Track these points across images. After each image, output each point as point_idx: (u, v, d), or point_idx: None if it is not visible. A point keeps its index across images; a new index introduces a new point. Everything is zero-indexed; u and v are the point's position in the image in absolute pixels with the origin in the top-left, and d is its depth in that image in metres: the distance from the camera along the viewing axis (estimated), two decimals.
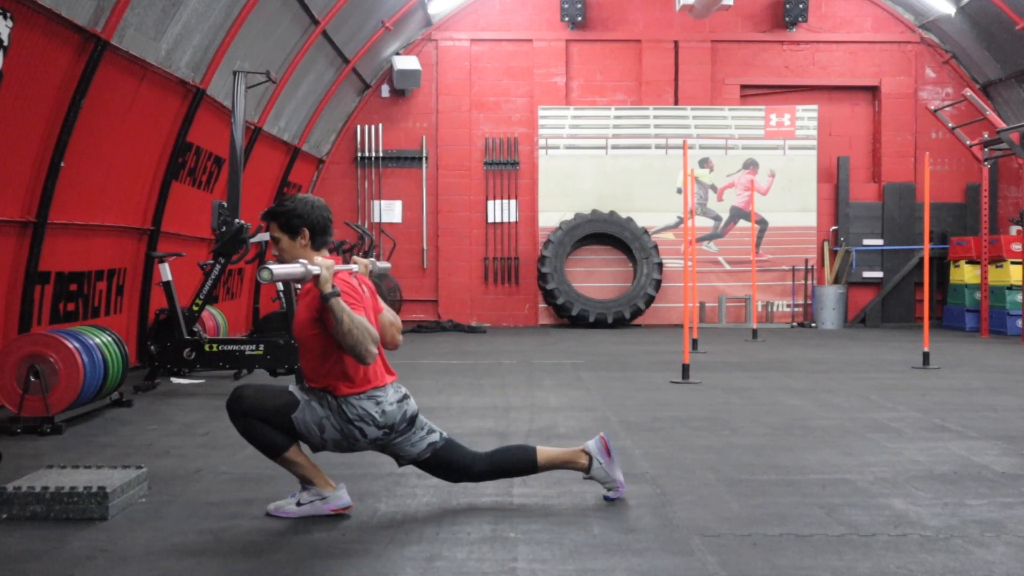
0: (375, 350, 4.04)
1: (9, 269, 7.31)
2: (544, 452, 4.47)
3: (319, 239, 4.24)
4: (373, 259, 4.38)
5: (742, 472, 5.14)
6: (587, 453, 4.47)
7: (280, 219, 4.21)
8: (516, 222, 16.44)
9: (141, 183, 9.51)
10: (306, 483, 4.27)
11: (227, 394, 7.72)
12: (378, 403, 4.17)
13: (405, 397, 4.28)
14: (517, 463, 4.45)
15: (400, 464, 4.38)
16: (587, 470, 4.48)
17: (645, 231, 15.85)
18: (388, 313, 4.44)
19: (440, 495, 4.65)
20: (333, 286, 3.97)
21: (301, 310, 4.20)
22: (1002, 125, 14.09)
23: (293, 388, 4.25)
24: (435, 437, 4.34)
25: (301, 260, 4.04)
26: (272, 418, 4.16)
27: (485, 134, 16.45)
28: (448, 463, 4.35)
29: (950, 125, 15.71)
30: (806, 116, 16.40)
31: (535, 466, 4.45)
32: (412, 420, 4.27)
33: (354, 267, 4.31)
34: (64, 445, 5.96)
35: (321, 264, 3.98)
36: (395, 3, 14.50)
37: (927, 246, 10.99)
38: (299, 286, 4.38)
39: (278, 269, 3.90)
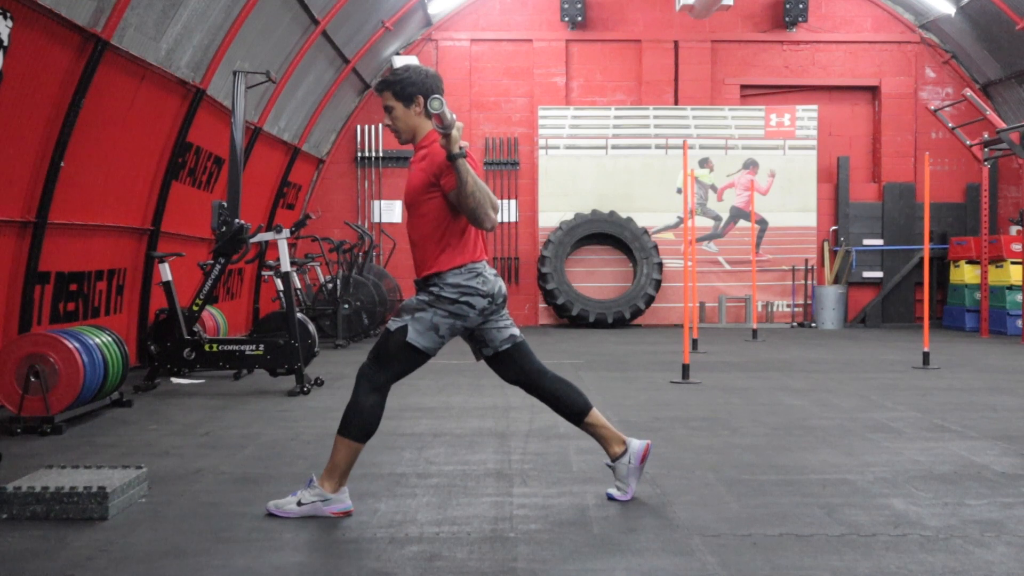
0: (493, 216, 4.09)
1: (9, 269, 7.31)
2: (596, 415, 4.55)
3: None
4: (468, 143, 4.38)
5: (742, 472, 5.14)
6: (626, 445, 4.52)
7: (394, 87, 4.24)
8: (516, 222, 16.45)
9: (141, 183, 9.51)
10: (328, 476, 4.25)
11: (227, 394, 7.73)
12: (478, 274, 4.24)
13: (498, 275, 4.39)
14: (569, 404, 4.51)
15: (478, 356, 4.45)
16: (615, 458, 4.51)
17: (645, 231, 15.85)
18: (489, 191, 4.45)
19: (440, 495, 4.65)
20: (461, 147, 3.97)
21: (416, 174, 4.23)
22: (1002, 125, 14.10)
23: (393, 322, 4.29)
24: (516, 331, 4.45)
25: (447, 110, 4.00)
26: (398, 357, 4.20)
27: (485, 134, 16.45)
28: (520, 361, 4.43)
29: (950, 125, 15.71)
30: (806, 116, 16.40)
31: (581, 419, 4.52)
32: (505, 299, 4.38)
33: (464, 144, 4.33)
34: (64, 445, 5.96)
35: (455, 123, 3.96)
36: (395, 3, 14.50)
37: (927, 246, 10.99)
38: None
39: (446, 105, 3.89)
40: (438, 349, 4.31)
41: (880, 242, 16.52)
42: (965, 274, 15.49)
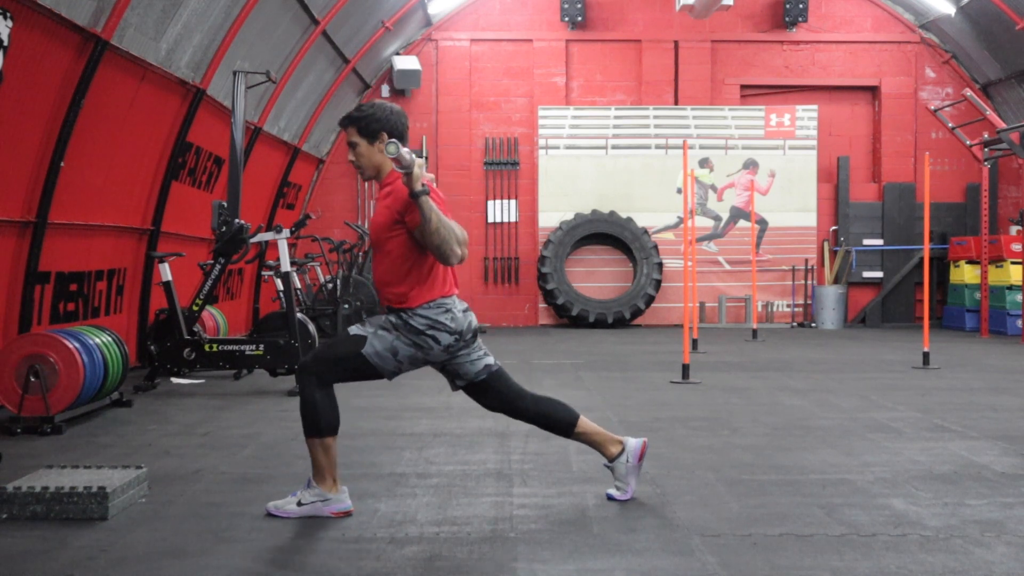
0: (459, 251, 4.06)
1: (9, 269, 7.31)
2: (585, 423, 4.51)
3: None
4: (432, 176, 4.38)
5: (742, 472, 5.14)
6: (623, 444, 4.51)
7: (359, 123, 4.26)
8: (516, 222, 16.44)
9: (141, 183, 9.51)
10: (318, 477, 4.25)
11: (227, 394, 7.72)
12: (447, 310, 4.22)
13: (468, 309, 4.35)
14: (558, 419, 4.49)
15: (454, 386, 4.42)
16: (612, 458, 4.50)
17: (645, 231, 15.85)
18: (456, 227, 4.44)
19: (440, 495, 4.65)
20: (423, 184, 3.98)
21: (381, 211, 4.23)
22: (1002, 125, 14.10)
23: (355, 328, 4.28)
24: (491, 360, 4.42)
25: (406, 148, 4.03)
26: (345, 363, 4.19)
27: (485, 134, 16.45)
28: (499, 390, 4.42)
29: (950, 125, 15.71)
30: (806, 116, 16.40)
31: (571, 430, 4.48)
32: (475, 333, 4.34)
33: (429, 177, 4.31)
34: (64, 445, 5.96)
35: (415, 161, 3.98)
36: (395, 3, 14.50)
37: (927, 246, 10.99)
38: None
39: (402, 147, 3.93)
40: (394, 373, 4.27)
41: (880, 242, 16.52)
42: (965, 274, 15.49)
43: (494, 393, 4.43)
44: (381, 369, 4.24)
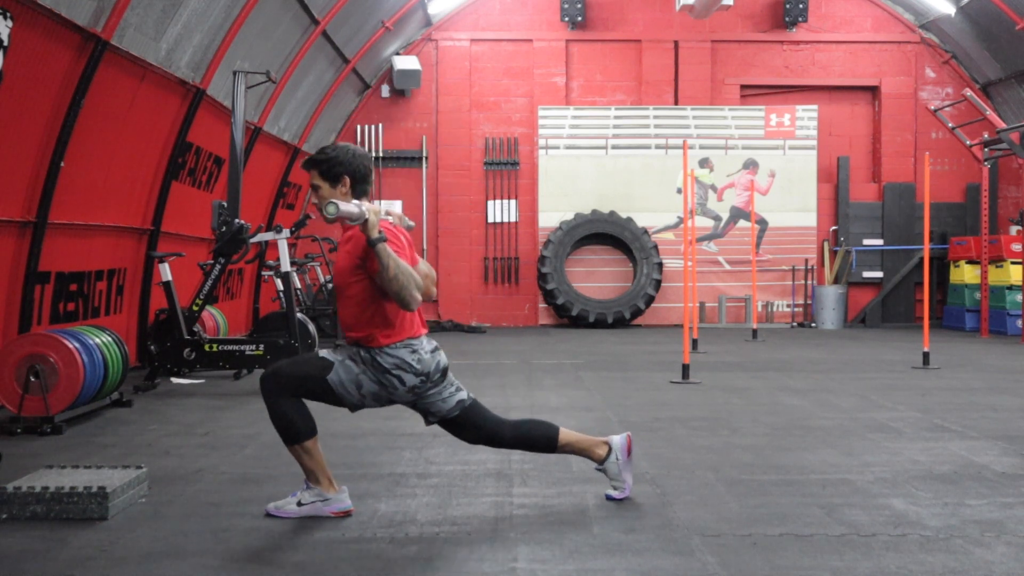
0: (419, 296, 4.04)
1: (9, 269, 7.31)
2: (567, 434, 4.48)
3: (360, 187, 4.25)
4: (401, 214, 4.38)
5: (742, 472, 5.14)
6: (608, 445, 4.49)
7: (321, 167, 4.23)
8: (516, 222, 16.44)
9: (141, 183, 9.51)
10: (312, 480, 4.26)
11: (227, 394, 7.72)
12: (414, 351, 4.18)
13: (437, 349, 4.31)
14: (539, 438, 4.45)
15: (428, 422, 4.38)
16: (602, 461, 4.48)
17: (645, 231, 15.85)
18: (423, 265, 4.42)
19: (440, 495, 4.65)
20: (380, 231, 3.98)
21: (343, 257, 4.21)
22: (1002, 125, 14.10)
23: (325, 352, 4.27)
24: (463, 395, 4.36)
25: (355, 202, 4.03)
26: (308, 384, 4.17)
27: (485, 134, 16.45)
28: (474, 424, 4.36)
29: (950, 125, 15.71)
30: (806, 116, 16.40)
31: (555, 445, 4.45)
32: (444, 372, 4.29)
33: (389, 217, 4.29)
34: (64, 445, 5.96)
35: (369, 209, 3.98)
36: (395, 3, 14.50)
37: (927, 246, 10.99)
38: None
39: (343, 205, 3.92)
40: (356, 407, 4.24)
41: (880, 242, 16.52)
42: (965, 274, 15.49)
43: (470, 427, 4.36)
44: (344, 399, 4.21)
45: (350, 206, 3.96)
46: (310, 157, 4.29)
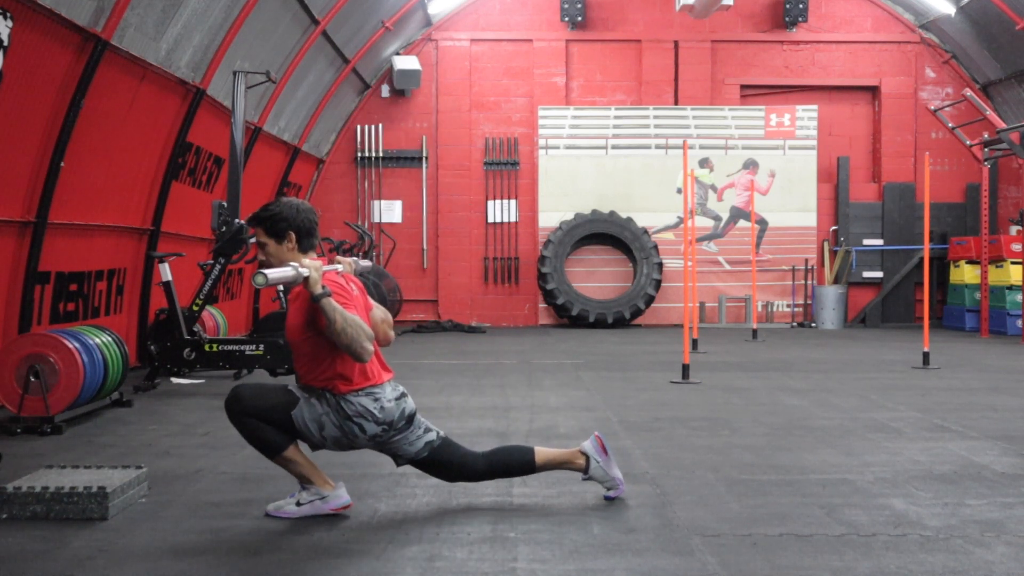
0: (371, 347, 4.02)
1: (9, 269, 7.31)
2: (542, 453, 4.46)
3: (306, 241, 4.22)
4: (355, 258, 4.37)
5: (742, 472, 5.14)
6: (584, 453, 4.47)
7: (266, 224, 4.20)
8: (516, 222, 16.44)
9: (141, 183, 9.51)
10: (305, 482, 4.27)
11: (227, 394, 7.70)
12: (376, 399, 4.15)
13: (403, 395, 4.26)
14: (515, 463, 4.43)
15: (398, 464, 4.37)
16: (585, 470, 4.47)
17: (645, 231, 15.85)
18: (378, 310, 4.43)
19: (440, 495, 4.65)
20: (323, 287, 3.97)
21: (292, 314, 4.18)
22: (1002, 125, 14.09)
23: (292, 386, 4.25)
24: (432, 436, 4.32)
25: (291, 263, 4.02)
26: (271, 415, 4.15)
27: (485, 134, 16.45)
28: (446, 463, 4.34)
29: (950, 125, 15.70)
30: (806, 116, 16.40)
31: (533, 466, 4.44)
32: (410, 419, 4.25)
33: (339, 267, 4.28)
34: (64, 445, 5.96)
35: (309, 266, 3.97)
36: (395, 3, 14.50)
37: (927, 246, 10.99)
38: (281, 289, 4.41)
39: (272, 273, 3.89)
40: (317, 446, 4.21)
41: (880, 242, 16.51)
42: (965, 274, 15.49)
43: (443, 466, 4.35)
44: (305, 437, 4.18)
45: (284, 270, 3.93)
46: (253, 214, 4.24)
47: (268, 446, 4.19)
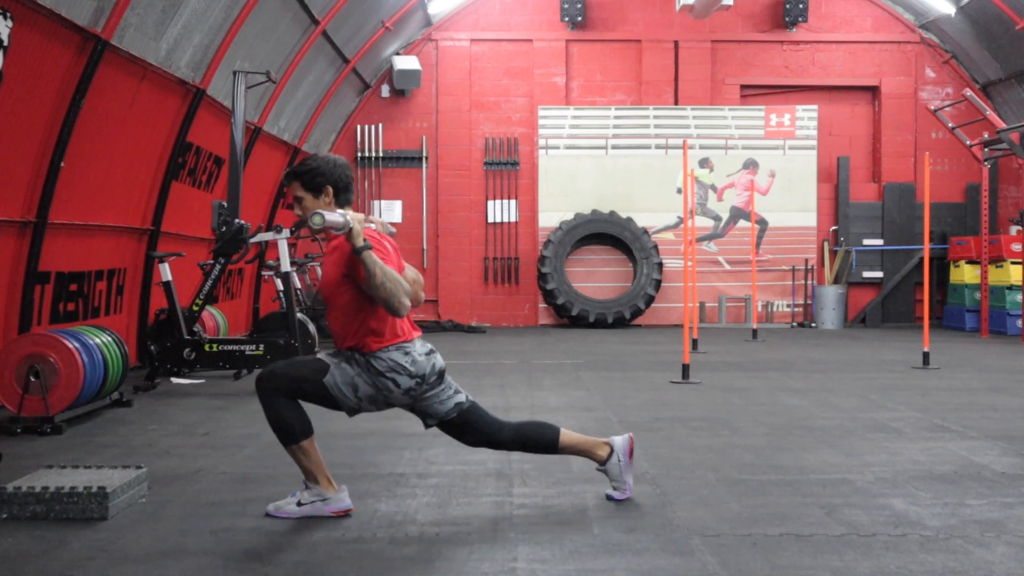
0: (408, 302, 4.04)
1: (9, 269, 7.31)
2: (568, 435, 4.48)
3: (342, 197, 4.25)
4: (385, 221, 4.38)
5: (742, 472, 5.14)
6: (610, 446, 4.49)
7: (303, 178, 4.23)
8: (516, 222, 16.44)
9: (141, 183, 9.51)
10: (310, 480, 4.26)
11: (227, 394, 7.71)
12: (407, 353, 4.17)
13: (432, 351, 4.29)
14: (539, 440, 4.44)
15: (427, 425, 4.37)
16: (603, 462, 4.48)
17: (645, 231, 15.85)
18: (411, 270, 4.42)
19: (440, 495, 4.65)
20: (364, 240, 3.98)
21: (329, 266, 4.21)
22: (1002, 125, 14.09)
23: (322, 354, 4.27)
24: (462, 398, 4.35)
25: (340, 211, 4.03)
26: (305, 386, 4.16)
27: (485, 134, 16.45)
28: (473, 426, 4.35)
29: (950, 125, 15.71)
30: (806, 116, 16.40)
31: (556, 447, 4.45)
32: (441, 375, 4.28)
33: (372, 225, 4.29)
34: (64, 445, 5.96)
35: (353, 218, 3.98)
36: (395, 3, 14.50)
37: (927, 246, 10.99)
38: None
39: (328, 215, 3.93)
40: (354, 410, 4.24)
41: (880, 242, 16.52)
42: (965, 274, 15.49)
43: (470, 430, 4.36)
44: (340, 402, 4.20)
45: (335, 215, 3.96)
46: (290, 169, 4.27)
47: (288, 432, 4.18)
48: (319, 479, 4.26)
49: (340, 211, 4.04)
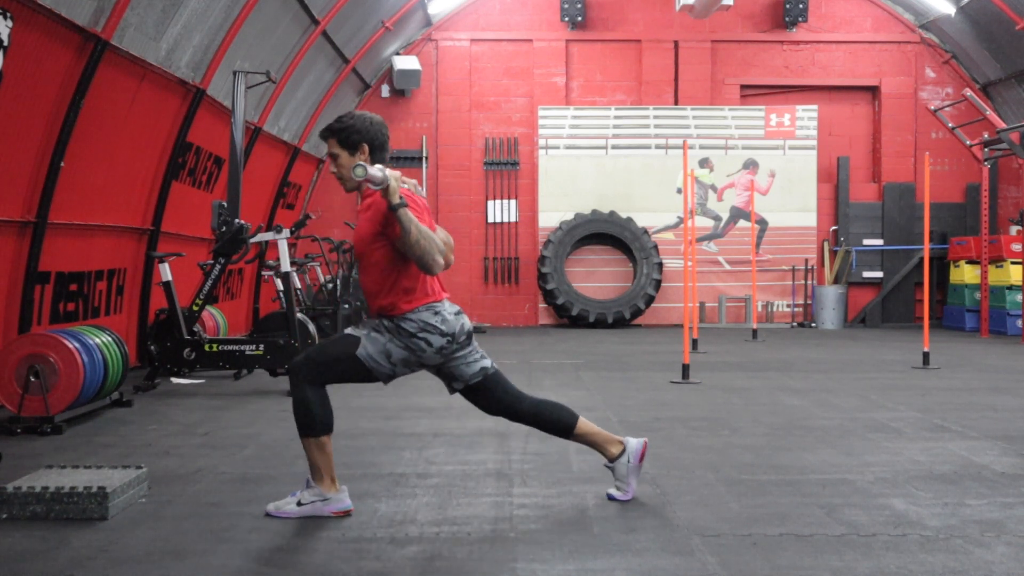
0: (441, 260, 4.07)
1: (9, 269, 7.31)
2: (585, 424, 4.50)
3: (378, 155, 4.28)
4: (416, 183, 4.40)
5: (742, 472, 5.14)
6: (624, 445, 4.50)
7: (339, 135, 4.27)
8: (516, 222, 16.44)
9: (141, 183, 9.51)
10: (316, 476, 4.25)
11: (227, 394, 7.71)
12: (437, 313, 4.21)
13: (460, 312, 4.33)
14: (557, 421, 4.47)
15: (451, 390, 4.42)
16: (613, 459, 4.50)
17: (645, 231, 15.85)
18: (441, 232, 4.43)
19: (440, 495, 4.65)
20: (401, 197, 4.00)
21: (364, 224, 4.24)
22: (1002, 125, 14.10)
23: (349, 329, 4.30)
24: (487, 363, 4.40)
25: (379, 166, 4.05)
26: (339, 366, 4.20)
27: (485, 134, 16.45)
28: (495, 393, 4.40)
29: (950, 125, 15.71)
30: (806, 116, 16.40)
31: (571, 432, 4.48)
32: (469, 336, 4.33)
33: (406, 185, 4.29)
34: (64, 445, 5.96)
35: (391, 175, 4.00)
36: (395, 3, 14.50)
37: (927, 246, 10.99)
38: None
39: (370, 168, 3.94)
40: (389, 376, 4.27)
41: (880, 242, 16.52)
42: (965, 274, 15.49)
43: (492, 396, 4.41)
44: (376, 372, 4.23)
45: (375, 170, 3.98)
46: (328, 126, 4.32)
47: (309, 424, 4.19)
48: (324, 477, 4.26)
49: (379, 166, 4.04)
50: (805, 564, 3.63)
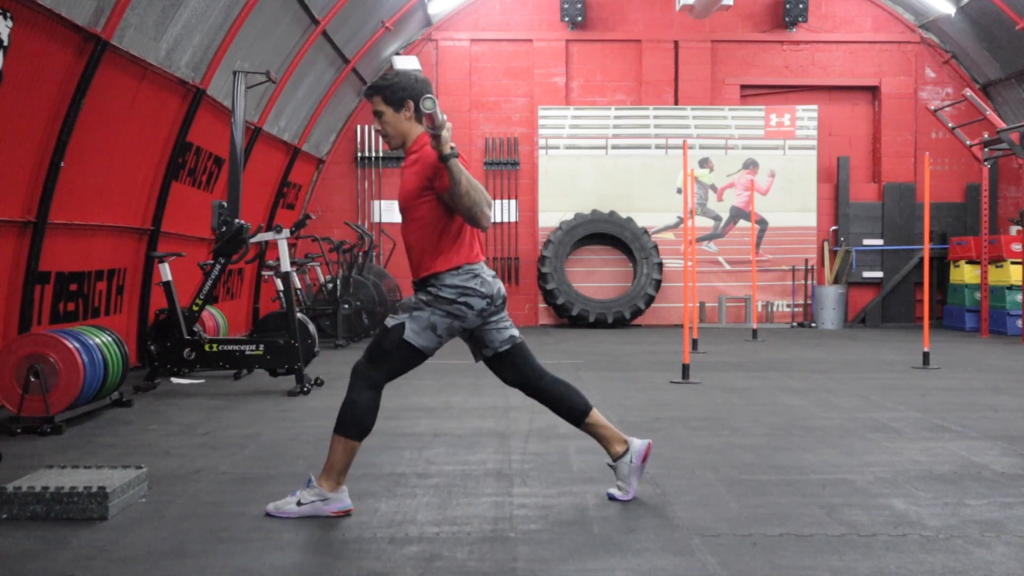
0: (490, 213, 4.10)
1: (9, 269, 7.31)
2: (597, 416, 4.57)
3: (420, 113, 4.26)
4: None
5: (742, 472, 5.14)
6: (627, 444, 4.53)
7: (385, 92, 4.28)
8: (516, 222, 16.44)
9: (141, 183, 9.51)
10: (325, 473, 4.25)
11: (227, 394, 7.72)
12: (476, 275, 4.25)
13: (496, 276, 4.37)
14: (571, 405, 4.54)
15: (478, 358, 4.45)
16: (616, 457, 4.51)
17: (645, 231, 15.85)
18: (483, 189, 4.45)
19: (440, 495, 4.65)
20: (452, 147, 3.98)
21: (409, 178, 4.26)
22: (1002, 125, 14.09)
23: (389, 319, 4.30)
24: (515, 332, 4.45)
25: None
26: (393, 356, 4.21)
27: (485, 134, 16.45)
28: (518, 364, 4.45)
29: (950, 125, 15.71)
30: (806, 116, 16.40)
31: (580, 420, 4.54)
32: (504, 300, 4.38)
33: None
34: (64, 445, 5.96)
35: (446, 124, 3.99)
36: (395, 3, 14.50)
37: (927, 246, 10.99)
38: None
39: (437, 107, 3.90)
40: (436, 349, 4.31)
41: (880, 242, 16.52)
42: (965, 274, 15.49)
43: (516, 366, 4.46)
44: (425, 349, 4.25)
45: (438, 111, 3.92)
46: (372, 84, 4.33)
47: (349, 425, 4.20)
48: (331, 476, 4.25)
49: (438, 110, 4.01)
50: (805, 564, 3.63)
